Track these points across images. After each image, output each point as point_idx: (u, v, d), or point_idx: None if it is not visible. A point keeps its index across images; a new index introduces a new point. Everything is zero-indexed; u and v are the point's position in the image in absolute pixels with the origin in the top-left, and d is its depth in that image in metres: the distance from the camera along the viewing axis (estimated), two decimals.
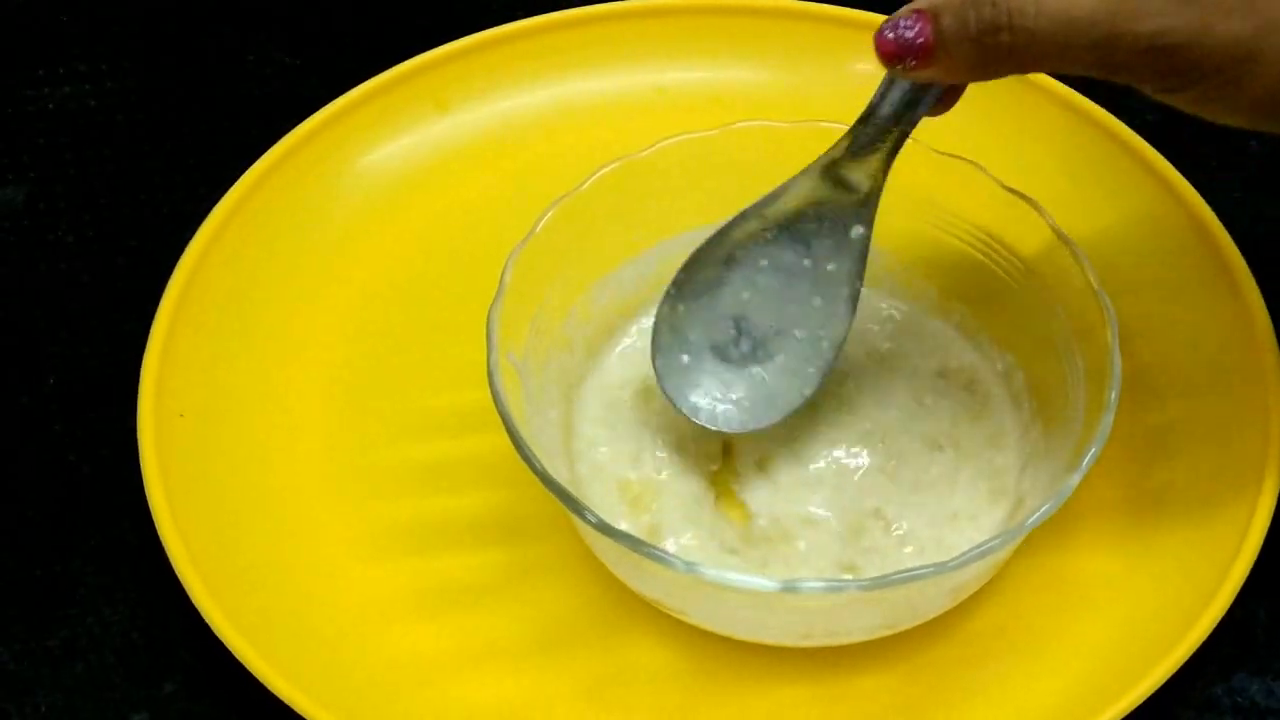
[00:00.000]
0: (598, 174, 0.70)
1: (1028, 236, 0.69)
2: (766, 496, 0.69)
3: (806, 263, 0.68)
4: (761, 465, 0.70)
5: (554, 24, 0.82)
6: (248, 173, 0.77)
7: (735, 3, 0.82)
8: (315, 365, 0.74)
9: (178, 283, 0.74)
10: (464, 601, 0.68)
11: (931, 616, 0.66)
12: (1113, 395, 0.64)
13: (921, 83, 0.64)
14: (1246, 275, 0.73)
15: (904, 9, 0.62)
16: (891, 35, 0.61)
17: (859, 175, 0.66)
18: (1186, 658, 0.64)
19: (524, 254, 0.68)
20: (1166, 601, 0.67)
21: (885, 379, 0.71)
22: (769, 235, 0.68)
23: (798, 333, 0.69)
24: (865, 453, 0.70)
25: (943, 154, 0.69)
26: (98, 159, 0.82)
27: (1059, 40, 0.59)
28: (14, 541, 0.71)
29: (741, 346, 0.69)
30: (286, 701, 0.64)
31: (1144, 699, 0.64)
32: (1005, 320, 0.71)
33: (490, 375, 0.65)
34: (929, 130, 0.66)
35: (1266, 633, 0.68)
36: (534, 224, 0.68)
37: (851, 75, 0.80)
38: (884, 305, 0.73)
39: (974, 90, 0.65)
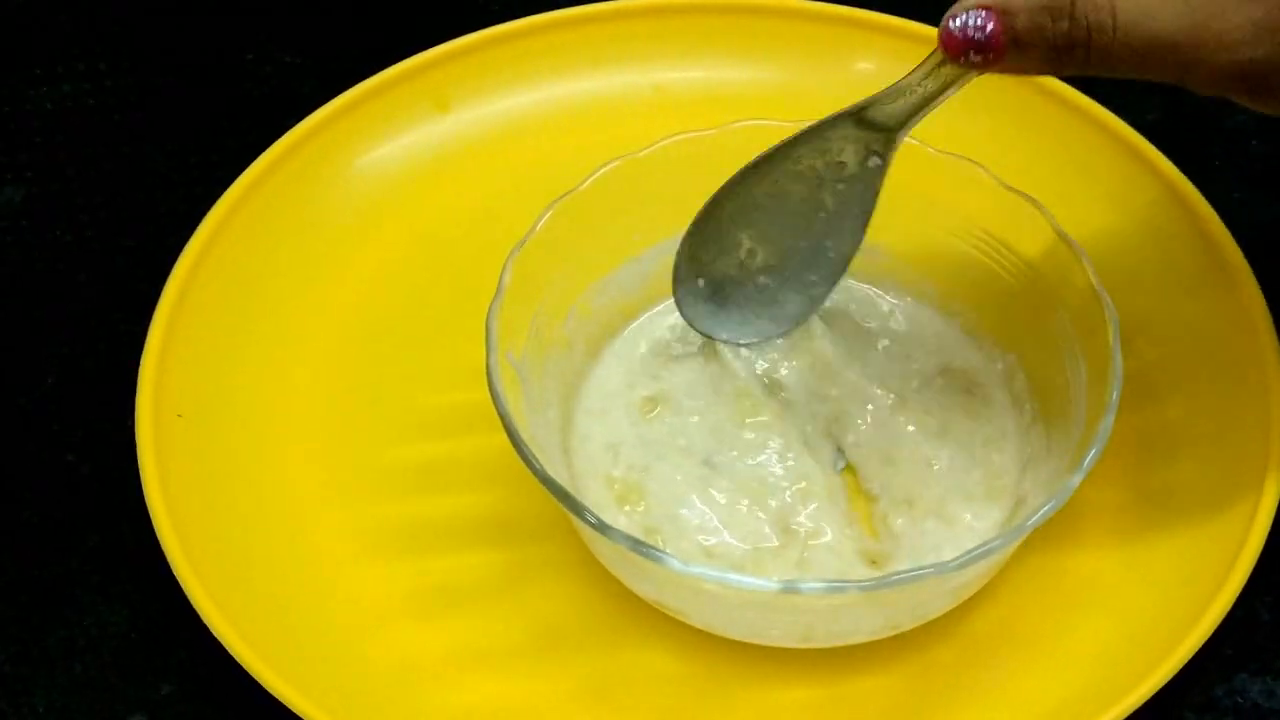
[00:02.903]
0: (597, 173, 0.70)
1: (1029, 236, 0.69)
2: None
3: (817, 182, 0.68)
4: None
5: (554, 23, 0.82)
6: (247, 172, 0.77)
7: (735, 2, 0.82)
8: (314, 365, 0.74)
9: (176, 283, 0.74)
10: (463, 602, 0.68)
11: (932, 617, 0.66)
12: (1114, 395, 0.64)
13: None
14: (1248, 275, 0.73)
15: (968, 1, 0.60)
16: (959, 31, 0.60)
17: (886, 115, 0.66)
18: (1188, 658, 0.64)
19: (523, 254, 0.68)
20: (1168, 602, 0.67)
21: (886, 379, 0.71)
22: (785, 164, 0.68)
23: (803, 243, 0.69)
24: (865, 453, 0.69)
25: (943, 153, 0.69)
26: (96, 159, 0.82)
27: (1137, 59, 0.59)
28: (12, 542, 0.71)
29: (753, 260, 0.70)
30: (284, 703, 0.64)
31: (1145, 700, 0.64)
32: (1006, 320, 0.71)
33: (489, 375, 0.65)
34: (929, 130, 0.66)
35: (1268, 633, 0.68)
36: (533, 224, 0.68)
37: (852, 74, 0.81)
38: (885, 304, 0.73)
39: (974, 90, 0.64)
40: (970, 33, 0.60)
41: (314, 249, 0.77)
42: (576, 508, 0.63)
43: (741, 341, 0.71)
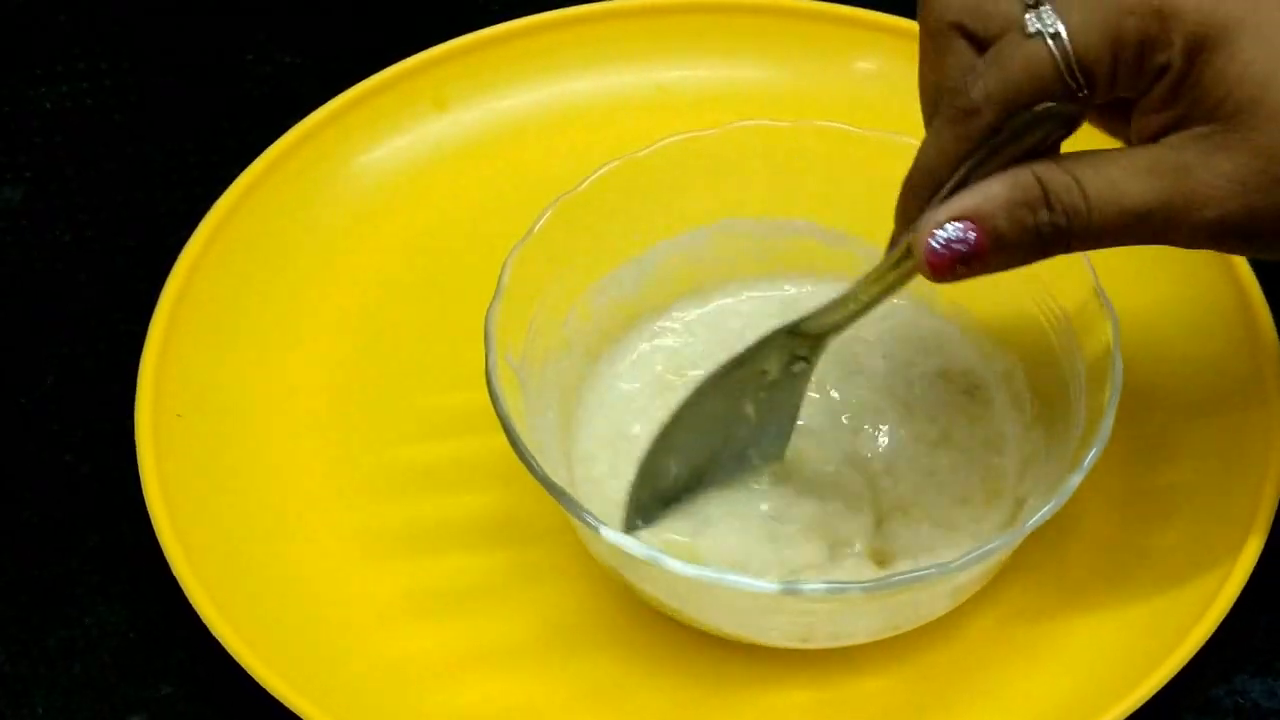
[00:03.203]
0: (597, 174, 0.70)
1: None
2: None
3: (743, 389, 0.67)
4: None
5: (554, 23, 0.82)
6: (246, 172, 0.77)
7: (735, 2, 0.82)
8: (313, 365, 0.74)
9: (176, 283, 0.74)
10: (462, 602, 0.68)
11: (932, 618, 0.66)
12: (1114, 395, 0.64)
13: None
14: (1249, 275, 0.72)
15: (940, 214, 0.59)
16: (943, 249, 0.59)
17: (820, 326, 0.65)
18: (1188, 659, 0.64)
19: (522, 254, 0.68)
20: (1168, 603, 0.66)
21: (885, 380, 0.71)
22: (716, 381, 0.66)
23: (725, 453, 0.68)
24: (865, 454, 0.69)
25: None
26: (96, 159, 0.82)
27: (1114, 228, 0.59)
28: (11, 542, 0.71)
29: (680, 478, 0.67)
30: (284, 703, 0.64)
31: (1145, 700, 0.64)
32: (1006, 321, 0.71)
33: (489, 377, 0.65)
34: None
35: (1267, 633, 0.68)
36: (532, 224, 0.68)
37: (852, 74, 0.81)
38: (884, 306, 0.73)
39: None
40: (954, 246, 0.59)
41: (313, 249, 0.77)
42: (576, 509, 0.63)
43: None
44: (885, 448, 0.69)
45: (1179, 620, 0.65)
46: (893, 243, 0.62)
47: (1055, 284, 0.68)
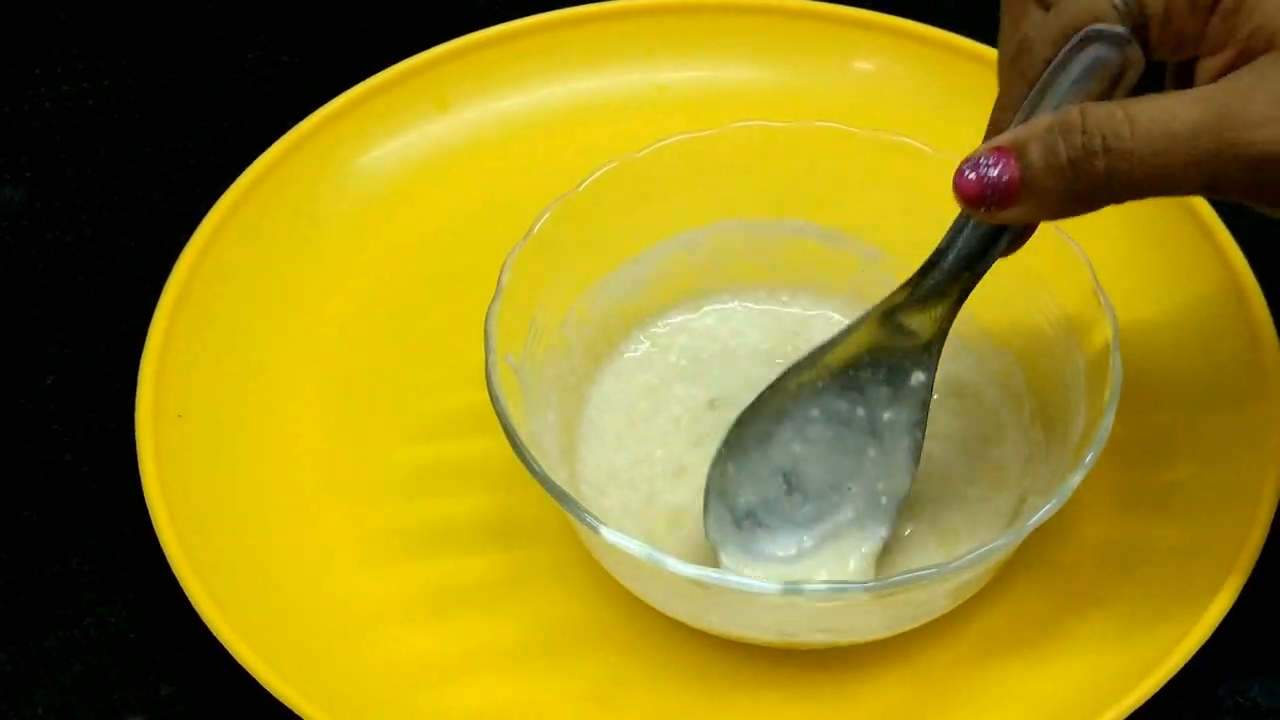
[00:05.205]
0: (596, 174, 0.70)
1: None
2: None
3: (861, 411, 0.66)
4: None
5: (554, 23, 0.82)
6: (247, 172, 0.77)
7: (735, 2, 0.82)
8: (313, 366, 0.74)
9: (176, 283, 0.74)
10: (463, 604, 0.68)
11: (932, 618, 0.66)
12: (1113, 395, 0.64)
13: (1000, 224, 0.61)
14: (1248, 274, 0.73)
15: (982, 147, 0.58)
16: (973, 175, 0.58)
17: (920, 322, 0.64)
18: (1188, 658, 0.64)
19: (522, 255, 0.68)
20: (1168, 601, 0.66)
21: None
22: (821, 384, 0.66)
23: (852, 487, 0.66)
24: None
25: (942, 154, 0.69)
26: (96, 159, 0.82)
27: (1160, 160, 0.56)
28: (12, 542, 0.71)
29: (794, 502, 0.66)
30: (284, 703, 0.64)
31: (1145, 700, 0.64)
32: (1005, 319, 0.71)
33: (488, 378, 0.65)
34: (930, 131, 0.66)
35: (1268, 633, 0.68)
36: (532, 225, 0.68)
37: (852, 74, 0.81)
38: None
39: (974, 90, 0.64)
40: (983, 172, 0.58)
41: (314, 249, 0.77)
42: (576, 510, 0.63)
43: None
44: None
45: (1179, 620, 0.65)
46: None
47: (1055, 284, 0.68)
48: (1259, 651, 0.67)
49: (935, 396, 0.70)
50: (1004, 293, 0.70)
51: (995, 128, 0.60)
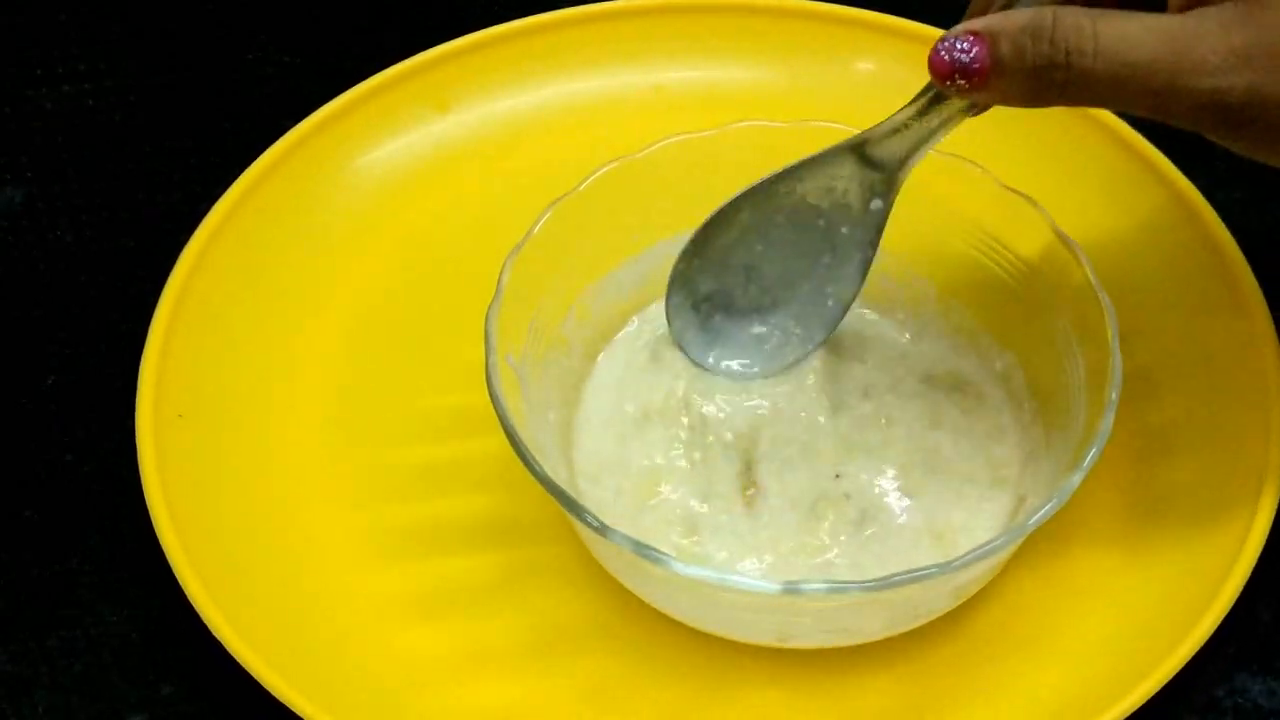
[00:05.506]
0: (596, 174, 0.70)
1: (1028, 236, 0.69)
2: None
3: (821, 222, 0.68)
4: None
5: (554, 24, 0.82)
6: (247, 172, 0.77)
7: (735, 2, 0.82)
8: (314, 366, 0.74)
9: (177, 283, 0.74)
10: (463, 604, 0.68)
11: (933, 617, 0.66)
12: (1113, 394, 0.64)
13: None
14: (1248, 274, 0.73)
15: (959, 27, 0.61)
16: (946, 55, 0.61)
17: (886, 153, 0.67)
18: (1188, 658, 0.64)
19: (522, 255, 0.68)
20: (1168, 602, 0.66)
21: (884, 379, 0.71)
22: (789, 196, 0.68)
23: (805, 285, 0.69)
24: (864, 454, 0.69)
25: (943, 154, 0.69)
26: (97, 159, 0.82)
27: (1115, 84, 0.59)
28: (12, 541, 0.71)
29: (750, 294, 0.70)
30: (285, 703, 0.64)
31: (1146, 700, 0.64)
32: (1005, 320, 0.71)
33: (489, 378, 0.65)
34: None
35: (1268, 633, 0.68)
36: (532, 225, 0.68)
37: (852, 75, 0.81)
38: (884, 304, 0.73)
39: None
40: (956, 55, 0.61)
41: (314, 249, 0.77)
42: (576, 509, 0.63)
43: (724, 368, 0.70)
44: (883, 444, 0.69)
45: (1179, 620, 0.65)
46: None
47: (1055, 283, 0.68)
48: (1259, 652, 0.67)
49: (937, 394, 0.70)
50: (1005, 293, 0.70)
51: (978, 7, 0.63)
